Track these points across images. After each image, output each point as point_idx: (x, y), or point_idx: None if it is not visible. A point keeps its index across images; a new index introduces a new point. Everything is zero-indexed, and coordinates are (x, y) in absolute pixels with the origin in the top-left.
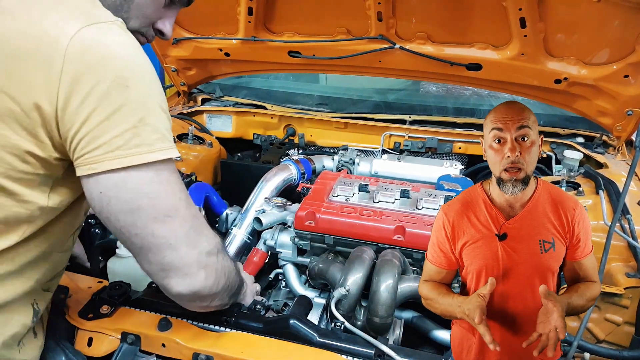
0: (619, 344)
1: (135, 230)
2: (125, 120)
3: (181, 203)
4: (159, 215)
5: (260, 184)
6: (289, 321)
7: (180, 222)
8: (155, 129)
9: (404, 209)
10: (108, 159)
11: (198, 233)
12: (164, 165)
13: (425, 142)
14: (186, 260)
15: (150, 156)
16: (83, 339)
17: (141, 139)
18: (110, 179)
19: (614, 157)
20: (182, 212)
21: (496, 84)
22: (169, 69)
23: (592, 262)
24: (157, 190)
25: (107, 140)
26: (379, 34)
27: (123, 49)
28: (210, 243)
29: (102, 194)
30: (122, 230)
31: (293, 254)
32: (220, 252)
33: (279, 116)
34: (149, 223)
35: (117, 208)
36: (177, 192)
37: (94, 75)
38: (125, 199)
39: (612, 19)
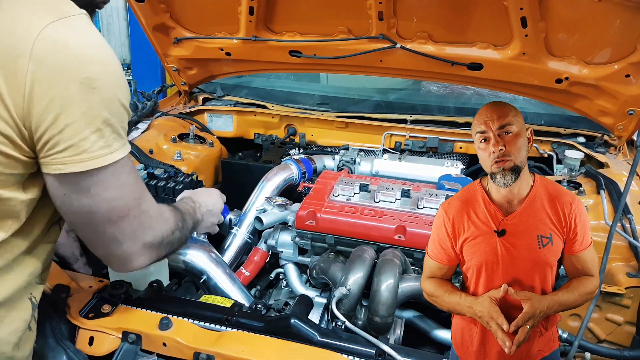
0: (620, 344)
1: (88, 227)
2: (91, 123)
3: (135, 202)
4: (113, 217)
5: (261, 184)
6: (290, 320)
7: (130, 221)
8: (115, 129)
9: (404, 208)
10: (74, 162)
11: (145, 228)
12: (122, 164)
13: (426, 141)
14: (128, 252)
15: (111, 157)
16: (84, 338)
17: (105, 141)
18: (75, 182)
19: (615, 157)
20: (133, 212)
21: (497, 84)
22: (170, 69)
23: (591, 256)
24: (115, 195)
25: (74, 143)
26: (380, 33)
27: (89, 48)
28: (155, 235)
29: (65, 195)
30: (75, 223)
31: (294, 253)
32: (166, 240)
33: (279, 116)
34: (102, 224)
35: (77, 210)
36: (133, 191)
37: (60, 78)
38: (87, 203)
39: (613, 19)
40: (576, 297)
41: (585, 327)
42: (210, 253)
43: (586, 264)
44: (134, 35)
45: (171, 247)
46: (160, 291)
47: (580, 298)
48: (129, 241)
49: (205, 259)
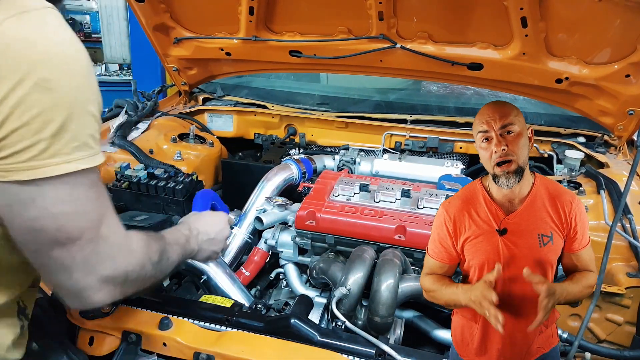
0: (620, 344)
1: (34, 247)
2: (42, 128)
3: (91, 224)
4: (61, 238)
5: (261, 184)
6: (290, 320)
7: (82, 246)
8: (75, 136)
9: (404, 208)
10: (19, 170)
11: (101, 258)
12: (82, 177)
13: (426, 141)
14: (80, 285)
15: (65, 167)
16: (84, 338)
17: (57, 148)
18: (19, 192)
19: (615, 157)
20: (88, 235)
21: (497, 84)
22: (170, 69)
23: (589, 254)
24: (66, 211)
25: (20, 148)
26: (380, 33)
27: (49, 45)
28: (117, 268)
29: (8, 207)
30: (21, 242)
31: (294, 253)
32: (132, 275)
33: (280, 116)
34: (47, 245)
35: (20, 225)
36: (92, 211)
37: (13, 77)
38: (30, 217)
39: (613, 19)
40: (580, 289)
41: (586, 327)
42: None
43: (586, 261)
44: (134, 35)
45: (142, 284)
46: (160, 291)
47: (584, 290)
48: (81, 271)
49: None
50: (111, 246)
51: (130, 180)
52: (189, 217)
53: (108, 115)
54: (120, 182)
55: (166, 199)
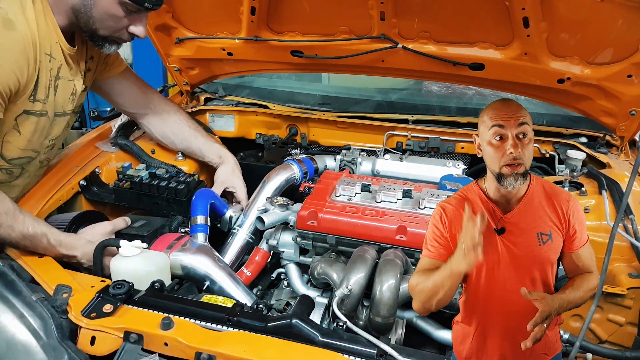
0: (621, 345)
1: None
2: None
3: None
4: None
5: (263, 184)
6: (291, 321)
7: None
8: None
9: (406, 208)
10: None
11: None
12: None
13: (427, 141)
14: None
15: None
16: (86, 337)
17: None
18: None
19: (617, 157)
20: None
21: (499, 84)
22: (171, 69)
23: (589, 253)
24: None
25: None
26: (382, 33)
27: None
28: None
29: None
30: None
31: (295, 253)
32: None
33: (281, 116)
34: None
35: None
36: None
37: None
38: None
39: (615, 19)
40: (582, 294)
41: (587, 327)
42: (211, 258)
43: (586, 260)
44: None
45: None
46: (161, 291)
47: (586, 294)
48: None
49: (208, 265)
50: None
51: (132, 180)
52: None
53: (110, 115)
54: (122, 182)
55: (168, 199)
